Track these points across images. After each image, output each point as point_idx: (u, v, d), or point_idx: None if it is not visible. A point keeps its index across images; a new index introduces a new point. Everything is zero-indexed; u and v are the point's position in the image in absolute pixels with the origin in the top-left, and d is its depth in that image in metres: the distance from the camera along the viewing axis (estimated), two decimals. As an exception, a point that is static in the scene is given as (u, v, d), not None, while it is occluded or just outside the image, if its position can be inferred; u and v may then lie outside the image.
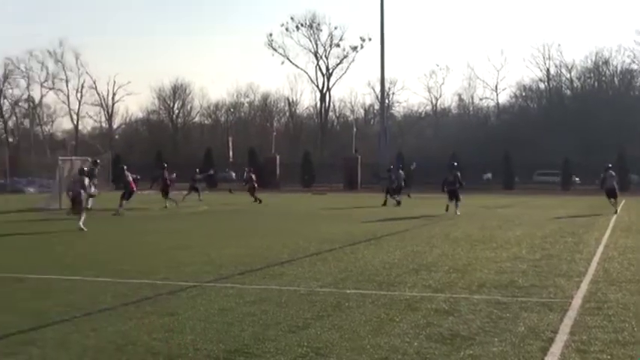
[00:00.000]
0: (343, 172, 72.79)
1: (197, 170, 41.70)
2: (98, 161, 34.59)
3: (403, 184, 36.39)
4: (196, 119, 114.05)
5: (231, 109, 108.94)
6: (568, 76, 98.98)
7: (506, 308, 8.66)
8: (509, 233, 19.51)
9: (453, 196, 28.66)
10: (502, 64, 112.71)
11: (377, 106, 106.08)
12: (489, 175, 73.25)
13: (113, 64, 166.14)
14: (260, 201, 36.97)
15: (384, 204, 34.87)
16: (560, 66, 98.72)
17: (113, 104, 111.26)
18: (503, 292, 9.89)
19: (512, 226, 22.44)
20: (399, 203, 34.53)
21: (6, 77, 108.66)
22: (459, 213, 27.81)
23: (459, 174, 29.27)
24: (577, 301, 9.15)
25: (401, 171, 37.00)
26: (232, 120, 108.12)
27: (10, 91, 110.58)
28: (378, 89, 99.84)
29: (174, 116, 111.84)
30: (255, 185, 39.03)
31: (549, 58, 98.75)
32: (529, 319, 8.05)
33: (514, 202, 41.71)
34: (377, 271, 11.80)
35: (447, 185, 29.28)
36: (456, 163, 31.22)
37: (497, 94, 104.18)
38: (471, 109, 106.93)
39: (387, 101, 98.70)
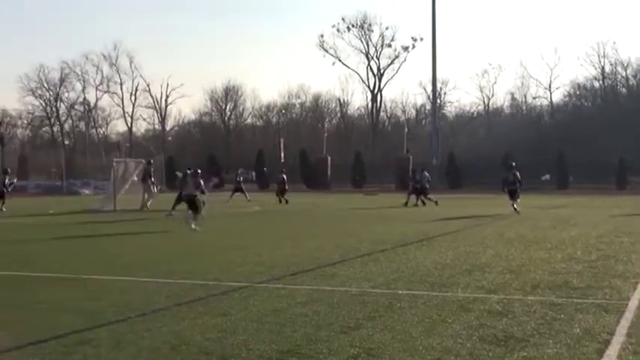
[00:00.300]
0: (395, 173, 72.59)
1: (239, 171, 41.96)
2: (152, 161, 34.94)
3: (427, 185, 36.35)
4: (248, 121, 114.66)
5: (283, 110, 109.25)
6: (624, 74, 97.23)
7: (561, 309, 8.54)
8: (563, 234, 19.24)
9: (513, 195, 29.01)
10: (556, 63, 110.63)
11: (428, 106, 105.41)
12: (547, 177, 72.35)
13: (166, 67, 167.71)
14: (286, 201, 37.14)
15: (406, 204, 35.09)
16: (616, 64, 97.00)
17: (166, 106, 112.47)
18: (558, 293, 9.75)
19: (567, 226, 22.14)
20: (435, 203, 34.49)
21: (62, 81, 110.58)
22: (518, 209, 28.36)
23: (518, 173, 29.59)
24: (634, 303, 8.98)
25: (426, 172, 36.88)
26: (284, 121, 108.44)
27: (66, 94, 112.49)
28: (429, 89, 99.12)
29: (226, 118, 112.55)
30: (286, 187, 39.10)
31: (604, 56, 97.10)
32: (584, 320, 7.92)
33: (568, 202, 41.16)
34: (429, 272, 11.73)
35: (507, 185, 29.58)
36: (514, 163, 31.41)
37: (550, 93, 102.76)
38: (524, 108, 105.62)
39: (438, 101, 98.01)
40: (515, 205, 28.69)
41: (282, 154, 74.44)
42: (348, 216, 28.38)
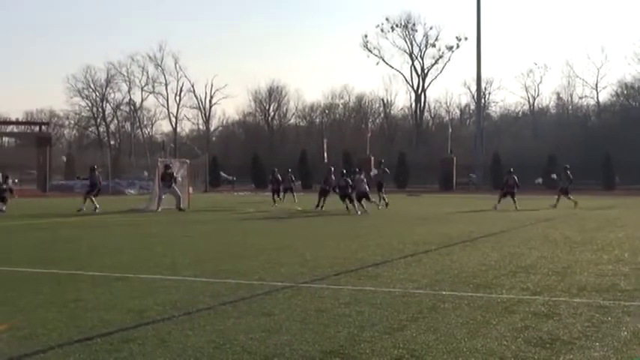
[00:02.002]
0: (438, 173, 72.29)
1: (289, 170, 42.00)
2: (170, 165, 34.51)
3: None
4: (292, 121, 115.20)
5: (326, 111, 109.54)
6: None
7: (608, 312, 8.43)
8: (610, 235, 19.00)
9: (564, 193, 33.50)
10: (602, 62, 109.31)
11: (473, 106, 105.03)
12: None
13: (210, 68, 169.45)
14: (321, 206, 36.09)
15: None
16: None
17: (210, 107, 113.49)
18: (605, 295, 9.63)
19: (614, 227, 21.85)
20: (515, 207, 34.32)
21: (108, 82, 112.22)
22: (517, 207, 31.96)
23: (569, 173, 34.47)
24: (683, 306, 8.84)
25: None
26: (327, 121, 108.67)
27: (112, 95, 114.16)
28: (474, 89, 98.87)
29: (269, 118, 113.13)
30: (293, 187, 38.60)
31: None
32: (632, 323, 7.82)
33: (614, 203, 40.63)
34: (473, 273, 11.66)
35: (508, 188, 33.81)
36: (512, 169, 35.14)
37: (597, 93, 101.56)
38: (570, 108, 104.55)
39: (483, 101, 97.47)
40: (571, 201, 32.98)
41: (326, 155, 74.46)
42: (390, 217, 28.30)
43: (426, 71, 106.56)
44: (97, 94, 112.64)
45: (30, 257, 14.42)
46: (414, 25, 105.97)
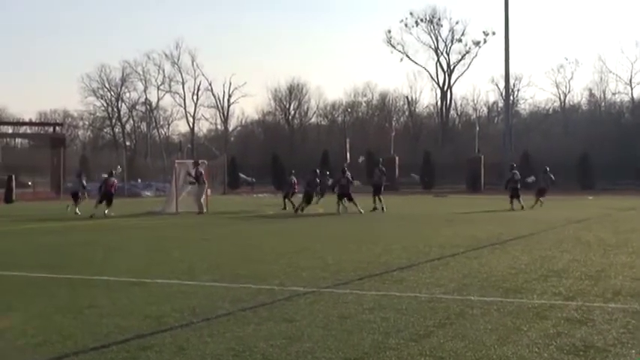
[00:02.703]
0: (465, 173, 72.02)
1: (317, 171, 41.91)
2: (199, 162, 34.83)
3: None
4: (313, 120, 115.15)
5: (349, 109, 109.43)
6: None
7: (644, 318, 8.37)
8: (646, 237, 18.86)
9: (516, 194, 33.98)
10: (637, 57, 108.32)
11: (501, 104, 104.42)
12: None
13: (228, 66, 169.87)
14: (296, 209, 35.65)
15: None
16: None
17: (229, 106, 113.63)
18: (641, 300, 9.56)
19: (650, 229, 21.70)
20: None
21: (124, 80, 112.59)
22: (522, 204, 33.15)
23: (551, 175, 35.67)
24: None
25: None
26: (349, 120, 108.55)
27: (127, 94, 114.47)
28: (502, 86, 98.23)
29: (290, 117, 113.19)
30: (294, 191, 36.72)
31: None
32: (670, 329, 7.75)
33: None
34: (503, 277, 11.61)
35: (511, 184, 34.69)
36: (514, 164, 37.60)
37: (631, 89, 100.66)
38: (603, 104, 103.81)
39: (511, 98, 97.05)
40: (519, 203, 33.25)
41: (348, 155, 74.36)
42: (416, 218, 28.25)
43: (452, 67, 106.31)
44: (112, 93, 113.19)
45: (43, 262, 14.52)
46: (439, 19, 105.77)
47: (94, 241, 19.07)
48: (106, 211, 31.11)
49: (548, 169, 36.79)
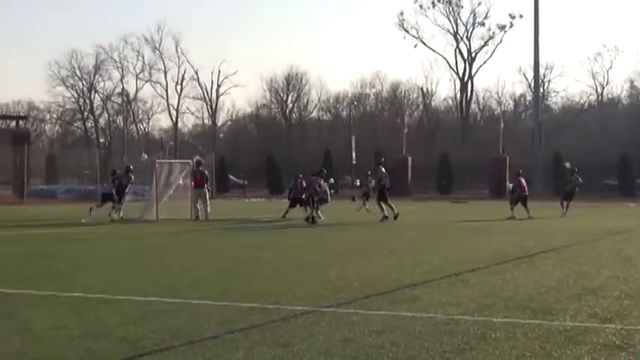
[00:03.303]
0: (488, 176, 72.00)
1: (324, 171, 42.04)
2: (202, 161, 35.28)
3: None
4: (314, 114, 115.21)
5: (355, 102, 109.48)
6: None
7: (692, 344, 8.36)
8: (695, 251, 18.86)
9: (524, 202, 34.49)
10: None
11: (529, 97, 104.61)
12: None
13: (218, 52, 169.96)
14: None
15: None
16: None
17: (217, 98, 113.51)
18: (689, 323, 9.56)
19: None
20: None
21: (97, 68, 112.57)
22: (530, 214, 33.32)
23: (523, 180, 35.79)
24: None
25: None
26: (356, 115, 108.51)
27: (101, 84, 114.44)
28: (530, 76, 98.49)
29: (287, 111, 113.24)
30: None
31: None
32: None
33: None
34: (530, 296, 11.60)
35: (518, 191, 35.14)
36: (520, 170, 37.53)
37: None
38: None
39: (541, 91, 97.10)
40: (563, 211, 34.64)
41: (354, 154, 74.45)
42: (431, 228, 28.24)
43: (473, 55, 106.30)
44: (84, 82, 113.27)
45: (2, 275, 14.50)
46: (459, 0, 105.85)
47: (60, 253, 19.05)
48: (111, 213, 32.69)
49: (577, 169, 36.98)
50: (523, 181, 35.58)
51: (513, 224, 29.88)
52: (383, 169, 33.08)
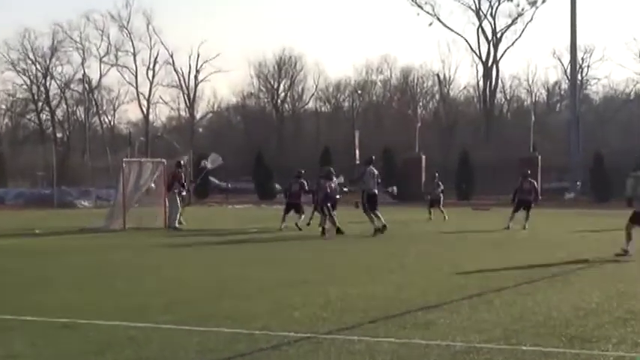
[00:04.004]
0: (516, 179, 71.90)
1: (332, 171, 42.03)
2: (183, 162, 35.34)
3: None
4: (310, 105, 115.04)
5: (359, 91, 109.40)
6: None
7: None
8: None
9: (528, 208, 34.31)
10: None
11: (565, 85, 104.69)
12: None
13: (197, 32, 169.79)
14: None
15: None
16: None
17: (196, 85, 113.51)
18: None
19: None
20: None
21: (54, 50, 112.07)
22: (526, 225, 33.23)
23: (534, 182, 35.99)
24: None
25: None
26: (360, 106, 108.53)
27: (59, 68, 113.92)
28: (566, 61, 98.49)
29: (279, 101, 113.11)
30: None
31: None
32: None
33: None
34: (566, 320, 11.62)
35: (521, 195, 34.98)
36: (529, 171, 37.67)
37: None
38: None
39: (579, 78, 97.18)
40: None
41: (358, 152, 74.35)
42: (448, 239, 28.24)
43: (498, 35, 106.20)
44: (39, 67, 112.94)
45: (-57, 295, 14.51)
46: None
47: (8, 268, 19.05)
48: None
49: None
50: (534, 183, 36.15)
51: (546, 236, 29.87)
52: (374, 170, 31.86)
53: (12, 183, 77.16)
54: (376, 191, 30.16)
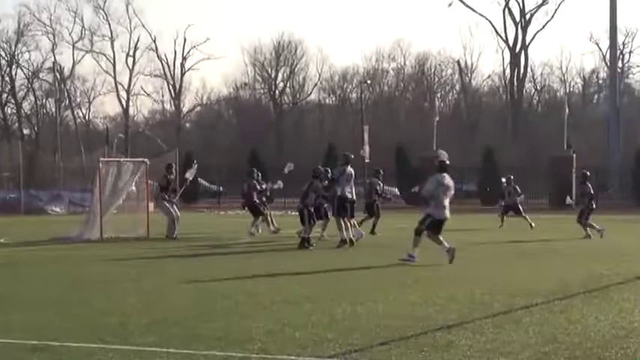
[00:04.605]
0: (548, 180, 71.96)
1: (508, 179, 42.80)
2: (173, 165, 35.38)
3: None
4: (313, 96, 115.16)
5: (368, 81, 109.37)
6: None
7: None
8: None
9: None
10: None
11: (603, 74, 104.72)
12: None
13: (183, 13, 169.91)
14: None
15: None
16: None
17: (182, 75, 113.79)
18: None
19: None
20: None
21: (20, 34, 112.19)
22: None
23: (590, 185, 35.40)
24: None
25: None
26: (369, 98, 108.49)
27: (26, 55, 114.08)
28: (605, 46, 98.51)
29: (277, 92, 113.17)
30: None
31: None
32: None
33: None
34: (605, 342, 11.64)
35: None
36: (587, 172, 37.43)
37: None
38: None
39: (619, 65, 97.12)
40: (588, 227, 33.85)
41: (367, 150, 74.34)
42: (471, 249, 28.26)
43: (527, 17, 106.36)
44: (3, 54, 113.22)
45: None
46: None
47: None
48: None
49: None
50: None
51: (582, 245, 29.87)
52: (352, 171, 31.19)
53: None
54: (351, 196, 29.81)
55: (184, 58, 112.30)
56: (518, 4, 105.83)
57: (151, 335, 12.17)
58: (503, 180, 44.70)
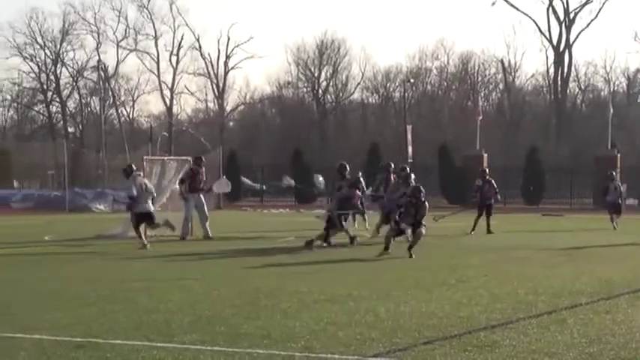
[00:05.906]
0: (593, 181, 71.62)
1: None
2: (202, 158, 35.14)
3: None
4: (355, 95, 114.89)
5: (411, 80, 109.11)
6: None
7: None
8: None
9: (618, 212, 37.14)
10: None
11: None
12: None
13: (226, 12, 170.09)
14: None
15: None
16: None
17: (226, 73, 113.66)
18: None
19: None
20: None
21: (65, 33, 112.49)
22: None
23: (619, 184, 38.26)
24: None
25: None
26: (412, 97, 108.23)
27: (71, 54, 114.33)
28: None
29: (320, 91, 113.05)
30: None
31: None
32: None
33: None
34: (652, 343, 11.57)
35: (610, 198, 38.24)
36: (614, 172, 39.73)
37: None
38: None
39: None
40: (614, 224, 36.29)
41: (411, 149, 74.23)
42: (514, 249, 28.13)
43: (572, 16, 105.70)
44: (48, 52, 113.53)
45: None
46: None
47: (16, 282, 19.16)
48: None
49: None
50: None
51: (627, 245, 29.71)
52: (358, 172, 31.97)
53: (18, 183, 77.55)
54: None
55: (228, 57, 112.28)
56: (562, 2, 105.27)
57: (195, 333, 12.19)
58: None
